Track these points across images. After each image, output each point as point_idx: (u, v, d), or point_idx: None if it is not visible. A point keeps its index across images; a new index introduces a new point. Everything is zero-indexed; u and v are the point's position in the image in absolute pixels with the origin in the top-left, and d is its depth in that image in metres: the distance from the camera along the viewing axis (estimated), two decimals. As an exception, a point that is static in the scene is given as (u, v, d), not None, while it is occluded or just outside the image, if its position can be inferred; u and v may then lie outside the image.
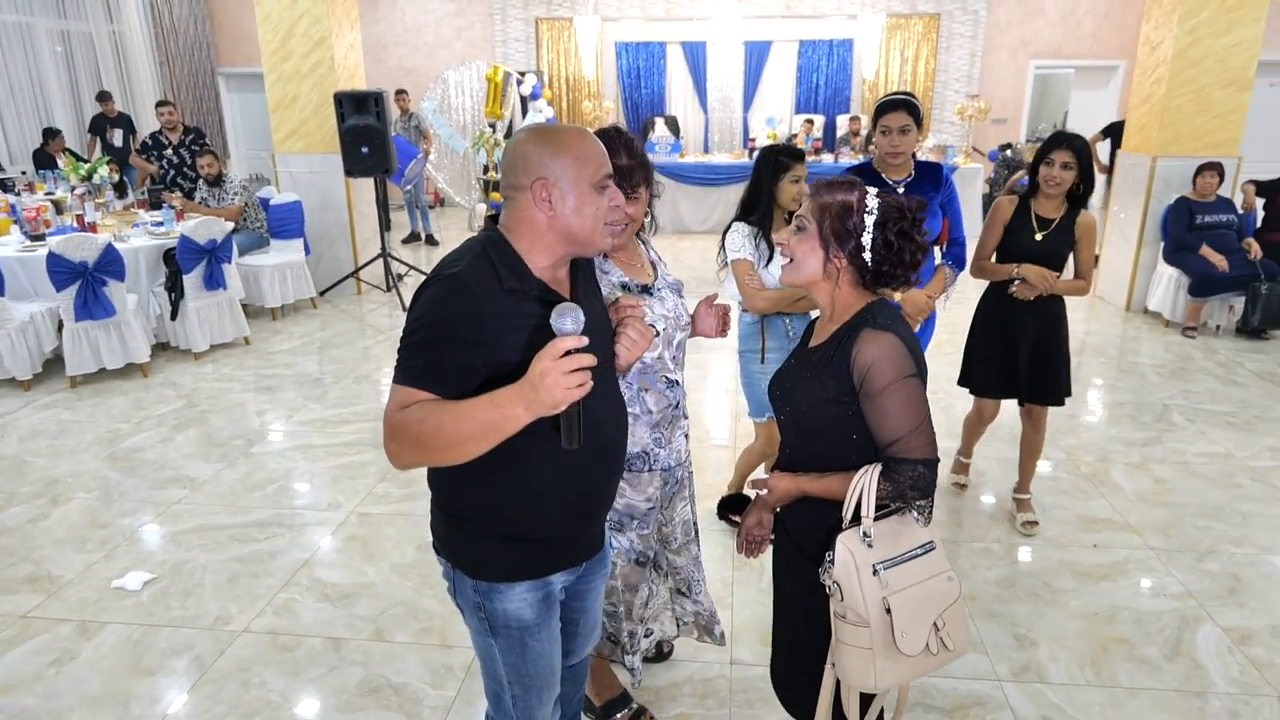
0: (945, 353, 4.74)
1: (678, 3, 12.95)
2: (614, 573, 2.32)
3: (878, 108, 3.23)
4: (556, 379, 1.41)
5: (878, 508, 1.71)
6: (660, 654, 2.87)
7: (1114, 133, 8.82)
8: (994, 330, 3.59)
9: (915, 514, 1.77)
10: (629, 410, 2.11)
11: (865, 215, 1.74)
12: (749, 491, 3.55)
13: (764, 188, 3.20)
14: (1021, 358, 3.53)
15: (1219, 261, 6.41)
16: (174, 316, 6.10)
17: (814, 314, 3.40)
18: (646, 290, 2.24)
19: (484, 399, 1.48)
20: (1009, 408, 3.87)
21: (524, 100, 10.62)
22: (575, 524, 1.79)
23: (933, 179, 3.33)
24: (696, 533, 2.56)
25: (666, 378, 2.26)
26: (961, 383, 3.81)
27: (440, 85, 12.19)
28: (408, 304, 1.66)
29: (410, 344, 1.56)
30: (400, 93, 11.47)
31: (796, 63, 13.40)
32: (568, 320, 1.44)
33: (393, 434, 1.54)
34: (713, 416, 5.11)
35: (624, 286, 2.20)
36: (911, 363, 1.71)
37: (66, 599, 3.25)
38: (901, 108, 3.16)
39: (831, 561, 1.72)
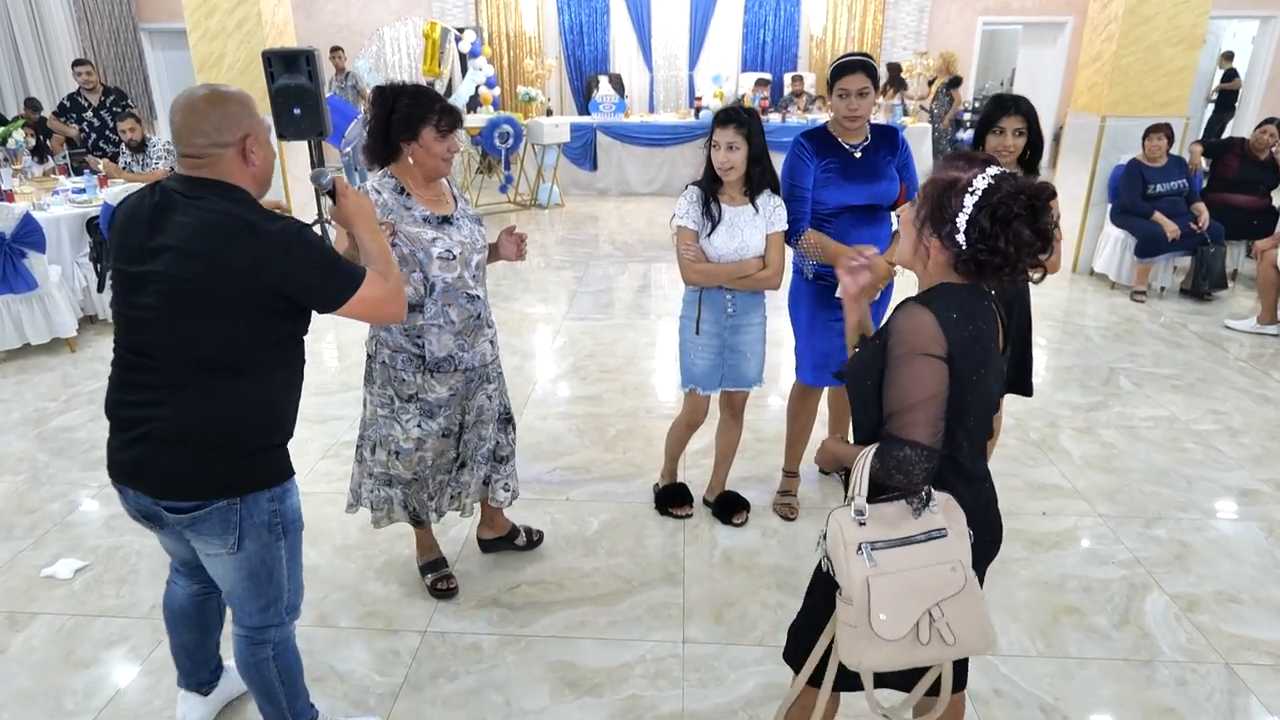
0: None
1: (622, -45, 12.66)
2: (425, 446, 2.77)
3: (834, 69, 3.10)
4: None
5: (882, 489, 1.68)
6: (529, 542, 3.33)
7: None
8: None
9: (910, 501, 1.67)
10: (434, 323, 2.64)
11: (967, 195, 1.63)
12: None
13: (708, 150, 3.08)
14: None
15: (1172, 230, 6.37)
16: (101, 288, 5.84)
17: (767, 294, 3.28)
18: (447, 220, 2.65)
19: (367, 237, 2.04)
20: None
21: (463, 58, 10.32)
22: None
23: (889, 142, 3.25)
24: (505, 422, 3.02)
25: (467, 293, 2.69)
26: None
27: (375, 42, 11.80)
28: (286, 252, 1.82)
29: (332, 263, 1.88)
30: (335, 50, 11.07)
31: (743, 19, 13.20)
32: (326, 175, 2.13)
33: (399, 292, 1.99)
34: (662, 386, 5.03)
35: (425, 219, 2.59)
36: (938, 345, 1.63)
37: (-9, 591, 3.10)
38: (859, 69, 3.04)
39: (824, 536, 1.71)
